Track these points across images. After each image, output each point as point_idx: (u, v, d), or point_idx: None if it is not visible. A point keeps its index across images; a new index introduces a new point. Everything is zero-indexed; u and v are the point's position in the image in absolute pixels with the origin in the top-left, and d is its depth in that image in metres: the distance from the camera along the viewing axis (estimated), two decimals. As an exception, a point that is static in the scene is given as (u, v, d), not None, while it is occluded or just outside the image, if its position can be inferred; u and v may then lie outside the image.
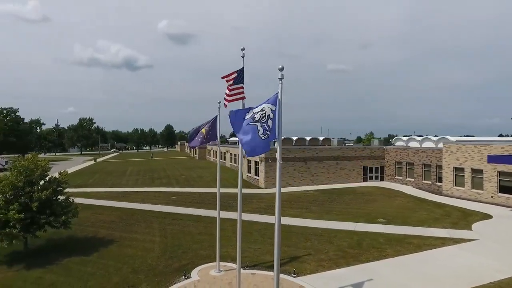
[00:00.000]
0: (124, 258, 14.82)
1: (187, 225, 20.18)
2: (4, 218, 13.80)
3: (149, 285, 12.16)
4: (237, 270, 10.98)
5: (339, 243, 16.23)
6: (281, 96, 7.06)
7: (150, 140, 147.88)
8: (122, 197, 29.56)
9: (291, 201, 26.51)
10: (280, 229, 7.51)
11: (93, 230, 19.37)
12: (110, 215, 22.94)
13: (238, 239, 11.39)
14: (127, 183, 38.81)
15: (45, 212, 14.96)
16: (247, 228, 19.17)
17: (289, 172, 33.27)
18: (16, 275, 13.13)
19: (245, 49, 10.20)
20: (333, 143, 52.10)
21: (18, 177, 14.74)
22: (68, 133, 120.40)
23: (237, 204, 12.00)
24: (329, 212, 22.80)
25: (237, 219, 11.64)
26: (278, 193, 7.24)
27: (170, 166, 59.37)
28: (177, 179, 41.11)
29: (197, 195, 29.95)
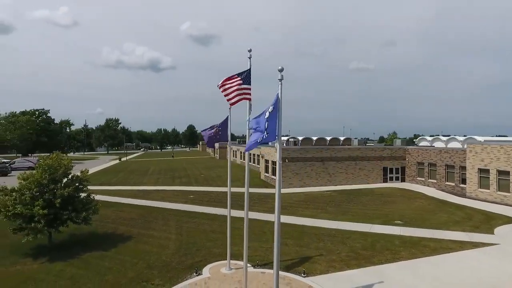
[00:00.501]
0: (140, 254, 15.37)
1: (202, 223, 20.61)
2: (30, 213, 14.67)
3: (162, 280, 12.58)
4: (244, 268, 11.15)
5: (352, 244, 16.07)
6: (281, 96, 7.18)
7: (173, 140, 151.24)
8: (143, 195, 30.51)
9: (307, 202, 26.42)
10: (279, 228, 7.63)
11: (113, 226, 20.16)
12: (130, 212, 23.77)
13: (245, 237, 11.57)
14: (149, 181, 39.96)
15: (67, 209, 15.76)
16: (261, 227, 19.35)
17: (306, 172, 33.12)
18: (40, 268, 13.94)
19: (252, 50, 10.37)
20: (353, 143, 51.31)
21: (43, 175, 15.63)
22: (95, 133, 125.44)
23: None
24: (345, 213, 22.55)
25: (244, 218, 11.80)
26: (277, 193, 7.36)
27: (190, 166, 60.52)
28: (196, 178, 41.89)
29: (214, 194, 30.43)
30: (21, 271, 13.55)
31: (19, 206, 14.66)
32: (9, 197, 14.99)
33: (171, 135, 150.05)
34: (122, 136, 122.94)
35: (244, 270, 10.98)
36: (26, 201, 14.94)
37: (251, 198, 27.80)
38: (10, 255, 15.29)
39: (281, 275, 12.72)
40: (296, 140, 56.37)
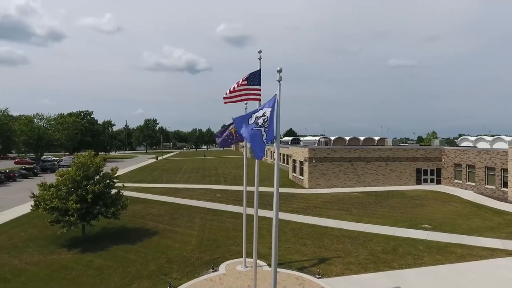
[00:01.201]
0: (163, 249, 16.10)
1: (225, 221, 21.08)
2: (65, 207, 15.95)
3: (179, 274, 13.12)
4: (253, 268, 11.33)
5: (373, 248, 15.65)
6: (279, 97, 7.28)
7: (207, 140, 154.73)
8: (173, 192, 31.73)
9: (332, 203, 26.00)
10: (277, 225, 7.73)
11: (142, 222, 21.25)
12: (159, 209, 24.87)
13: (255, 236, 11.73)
14: (180, 180, 41.41)
15: (98, 204, 16.93)
16: (282, 227, 19.38)
17: (334, 173, 32.52)
18: (72, 257, 15.11)
19: (261, 51, 10.54)
20: (387, 143, 49.50)
21: (77, 172, 16.91)
22: (135, 133, 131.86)
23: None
24: (371, 215, 21.93)
25: (255, 217, 11.97)
26: (276, 192, 7.46)
27: (221, 165, 61.76)
28: (225, 178, 42.71)
29: (240, 193, 30.83)
30: (56, 260, 14.77)
31: (56, 200, 15.99)
32: (47, 192, 16.39)
33: (205, 134, 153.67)
34: (159, 135, 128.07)
35: (253, 268, 11.16)
36: (62, 196, 16.25)
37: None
38: (49, 245, 16.71)
39: (295, 275, 12.80)
40: (327, 139, 55.45)
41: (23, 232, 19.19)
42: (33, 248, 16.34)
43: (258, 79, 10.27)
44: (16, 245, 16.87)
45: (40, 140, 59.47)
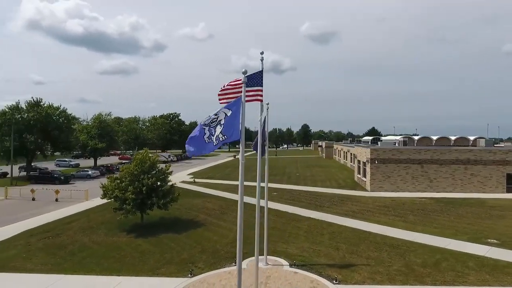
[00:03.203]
0: (202, 240, 17.42)
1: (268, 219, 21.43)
2: (123, 197, 18.58)
3: (204, 264, 14.13)
4: (255, 266, 11.53)
5: (412, 259, 14.19)
6: (244, 99, 7.49)
7: (287, 139, 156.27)
8: (233, 189, 33.27)
9: (389, 208, 24.02)
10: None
11: (195, 214, 23.14)
12: (215, 203, 26.61)
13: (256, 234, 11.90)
14: (246, 177, 43.02)
15: (152, 196, 19.20)
16: (321, 229, 18.97)
17: (400, 175, 29.79)
18: (127, 241, 17.52)
19: (263, 53, 10.70)
20: (479, 144, 42.90)
21: (135, 167, 19.47)
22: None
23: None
24: (428, 224, 19.66)
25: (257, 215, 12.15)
26: (240, 192, 7.68)
27: (291, 164, 61.92)
28: (290, 177, 42.88)
29: (297, 193, 30.81)
30: (114, 242, 17.35)
31: (117, 191, 18.74)
32: (111, 183, 19.30)
33: (285, 134, 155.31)
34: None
35: (255, 267, 11.38)
36: (122, 187, 18.94)
37: (330, 199, 27.25)
38: (114, 229, 19.63)
39: (311, 278, 12.58)
40: (406, 139, 50.71)
41: (101, 216, 22.84)
42: (102, 230, 19.44)
43: (260, 80, 10.44)
44: (91, 226, 20.27)
45: (136, 139, 68.86)
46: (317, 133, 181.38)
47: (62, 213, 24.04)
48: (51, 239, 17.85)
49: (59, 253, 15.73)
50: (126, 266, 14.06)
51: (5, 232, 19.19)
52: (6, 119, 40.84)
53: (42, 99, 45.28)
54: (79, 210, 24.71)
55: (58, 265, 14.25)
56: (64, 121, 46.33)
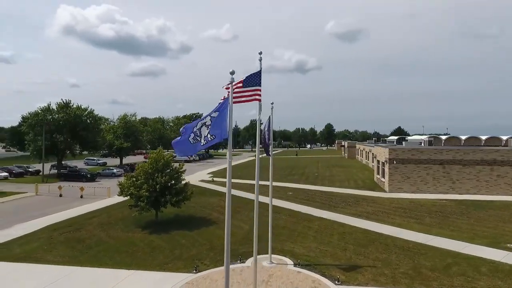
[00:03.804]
0: (212, 237, 17.78)
1: (279, 218, 21.51)
2: (138, 194, 19.31)
3: (210, 261, 14.44)
4: (254, 265, 11.64)
5: (421, 262, 13.78)
6: (231, 101, 7.66)
7: (310, 139, 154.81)
8: (249, 188, 33.59)
9: (405, 209, 23.32)
10: (229, 235, 8.07)
11: (209, 212, 23.60)
12: (230, 202, 26.99)
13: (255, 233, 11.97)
14: (264, 176, 43.16)
15: (165, 193, 19.82)
16: (331, 229, 18.80)
17: (421, 176, 28.78)
18: (141, 236, 18.20)
19: (262, 53, 10.82)
20: (510, 144, 40.64)
21: (149, 166, 20.17)
22: (242, 132, 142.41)
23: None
24: (445, 226, 18.95)
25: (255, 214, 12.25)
26: (228, 193, 7.85)
27: (311, 164, 61.33)
28: (308, 177, 42.56)
29: (312, 193, 30.58)
30: (129, 237, 18.07)
31: (132, 188, 19.51)
32: (127, 181, 20.11)
33: (308, 133, 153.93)
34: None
35: (254, 265, 11.51)
36: (137, 185, 19.69)
37: (346, 199, 26.84)
38: (130, 225, 20.43)
39: (313, 278, 12.56)
40: (432, 139, 48.89)
41: (120, 213, 23.80)
42: (119, 226, 20.29)
43: (258, 80, 10.56)
44: (110, 222, 21.21)
45: (160, 139, 70.93)
46: (341, 133, 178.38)
47: (85, 209, 25.29)
48: (72, 233, 18.87)
49: (77, 246, 16.62)
50: (137, 260, 14.64)
51: (32, 226, 20.49)
52: (38, 119, 43.46)
53: (71, 100, 47.80)
54: (100, 207, 25.89)
55: (75, 258, 15.07)
56: (92, 121, 48.60)
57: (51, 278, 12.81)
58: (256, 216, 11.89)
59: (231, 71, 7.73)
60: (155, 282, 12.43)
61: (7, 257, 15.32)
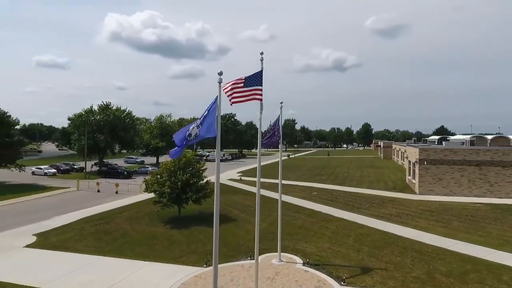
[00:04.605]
0: (228, 234, 18.25)
1: (298, 218, 21.51)
2: (161, 191, 20.32)
3: (221, 256, 14.61)
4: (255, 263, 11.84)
5: (437, 267, 13.16)
6: (220, 99, 7.99)
7: (346, 139, 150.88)
8: (276, 188, 33.74)
9: (433, 212, 22.18)
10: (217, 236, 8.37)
11: (230, 210, 24.15)
12: (252, 201, 27.28)
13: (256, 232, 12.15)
14: (292, 176, 43.15)
15: (186, 191, 20.66)
16: (349, 231, 18.48)
17: (454, 178, 27.11)
18: (162, 231, 19.16)
19: (263, 53, 11.03)
20: None
21: (172, 163, 21.13)
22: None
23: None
24: (472, 231, 17.82)
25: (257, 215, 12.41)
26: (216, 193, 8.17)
27: (343, 164, 59.90)
28: (337, 177, 41.74)
29: (337, 193, 30.04)
30: (152, 231, 19.10)
31: (155, 185, 20.57)
32: (151, 178, 21.23)
33: (344, 133, 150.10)
34: (296, 134, 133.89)
35: (255, 264, 11.72)
36: (160, 182, 20.72)
37: (371, 201, 26.08)
38: (155, 219, 21.53)
39: (319, 278, 12.56)
40: (474, 139, 45.64)
41: (148, 208, 25.11)
42: (145, 220, 21.48)
43: (259, 79, 10.76)
44: (137, 216, 22.51)
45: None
46: (380, 133, 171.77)
47: (117, 204, 27.00)
48: (102, 225, 20.31)
49: (104, 238, 17.91)
50: (155, 253, 15.50)
51: (68, 218, 22.35)
52: (82, 120, 46.98)
53: (111, 102, 51.06)
54: (131, 202, 27.49)
55: (101, 248, 16.28)
56: (130, 122, 51.54)
57: (76, 266, 13.99)
58: (258, 217, 12.09)
59: (219, 72, 8.06)
60: (166, 273, 13.12)
61: (44, 245, 16.92)
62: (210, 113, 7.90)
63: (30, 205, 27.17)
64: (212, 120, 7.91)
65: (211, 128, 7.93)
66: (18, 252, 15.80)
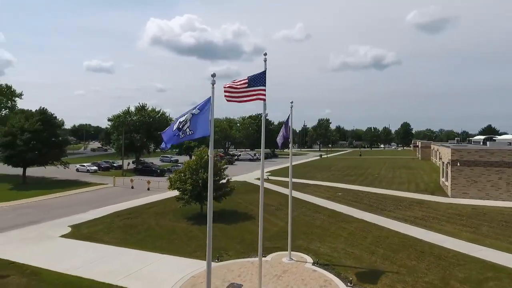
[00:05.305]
0: (244, 232, 18.67)
1: (317, 218, 21.37)
2: (183, 188, 21.21)
3: (234, 253, 15.32)
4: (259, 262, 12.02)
5: (454, 273, 12.56)
6: (213, 99, 8.35)
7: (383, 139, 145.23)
8: (301, 188, 33.66)
9: (462, 216, 20.94)
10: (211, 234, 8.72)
11: (251, 208, 24.54)
12: (275, 200, 27.55)
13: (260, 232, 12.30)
14: (320, 177, 42.65)
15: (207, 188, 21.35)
16: (367, 232, 18.11)
17: (491, 181, 25.28)
18: (184, 226, 20.01)
19: (267, 54, 11.23)
20: None
21: (194, 162, 21.96)
22: (310, 132, 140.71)
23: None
24: (503, 238, 16.66)
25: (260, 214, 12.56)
26: (210, 193, 8.53)
27: (375, 165, 57.91)
28: (366, 178, 40.57)
29: (363, 195, 29.28)
30: (174, 226, 20.01)
31: (178, 182, 21.51)
32: (175, 176, 22.21)
33: (381, 133, 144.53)
34: (330, 134, 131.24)
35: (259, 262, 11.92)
36: (183, 180, 21.64)
37: (397, 203, 25.17)
38: (179, 216, 22.47)
39: (326, 277, 12.55)
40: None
41: (174, 205, 26.15)
42: (169, 216, 22.53)
43: (263, 80, 10.97)
44: (163, 212, 23.65)
45: (225, 138, 74.74)
46: (421, 132, 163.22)
47: (147, 200, 28.51)
48: (130, 220, 21.63)
49: (130, 231, 19.09)
50: (172, 247, 16.29)
51: (101, 212, 24.02)
52: (119, 121, 49.94)
53: (146, 104, 53.70)
54: (160, 199, 28.87)
55: (125, 240, 17.41)
56: (164, 122, 53.84)
57: (101, 255, 15.12)
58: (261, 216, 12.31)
59: (212, 74, 8.42)
60: (179, 266, 13.78)
61: (76, 235, 18.42)
62: (204, 113, 8.30)
63: (71, 199, 29.56)
64: (206, 120, 8.30)
65: (204, 127, 8.32)
66: (53, 241, 17.37)
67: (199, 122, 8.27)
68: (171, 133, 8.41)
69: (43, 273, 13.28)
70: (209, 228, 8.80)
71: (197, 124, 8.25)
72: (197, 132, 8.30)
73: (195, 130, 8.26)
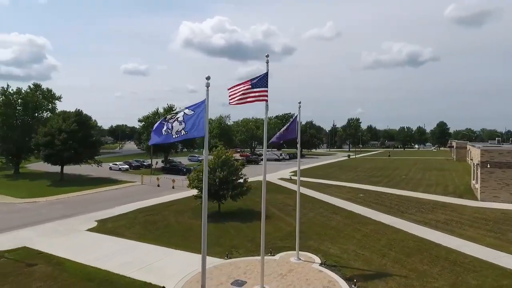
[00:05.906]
0: (257, 231, 18.35)
1: (333, 219, 21.16)
2: (201, 186, 21.83)
3: (244, 251, 15.65)
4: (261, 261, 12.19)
5: (467, 280, 12.05)
6: (208, 101, 8.70)
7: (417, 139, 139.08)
8: (323, 188, 33.33)
9: (489, 221, 19.81)
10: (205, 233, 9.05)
11: (269, 208, 24.50)
12: (294, 200, 27.36)
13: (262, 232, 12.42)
14: (344, 177, 41.89)
15: (223, 187, 21.90)
16: (382, 235, 17.76)
17: (522, 184, 23.62)
18: (199, 224, 20.35)
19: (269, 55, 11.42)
20: None
21: (211, 162, 22.55)
22: (339, 132, 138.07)
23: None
24: (529, 244, 15.59)
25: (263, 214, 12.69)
26: (204, 194, 8.88)
27: (404, 166, 55.75)
28: (392, 179, 39.31)
29: (385, 196, 28.48)
30: (190, 223, 20.74)
31: (196, 181, 22.22)
32: (193, 175, 22.95)
33: (415, 133, 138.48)
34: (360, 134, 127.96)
35: (261, 261, 12.10)
36: (201, 178, 22.29)
37: (421, 205, 24.28)
38: (197, 213, 23.04)
39: (330, 278, 12.56)
40: None
41: (194, 203, 27.03)
42: (187, 213, 23.32)
43: (265, 81, 11.18)
44: (182, 210, 24.50)
45: (251, 138, 75.40)
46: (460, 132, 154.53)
47: (170, 197, 29.62)
48: (151, 216, 22.66)
49: (149, 227, 20.03)
50: (185, 242, 16.93)
51: (127, 208, 25.33)
52: (149, 122, 52.09)
53: (174, 104, 55.57)
54: (182, 197, 29.85)
55: (144, 235, 18.32)
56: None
57: (120, 249, 16.08)
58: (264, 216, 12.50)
59: (207, 77, 8.77)
60: (190, 261, 14.32)
61: (101, 230, 19.62)
62: (198, 114, 8.68)
63: (101, 195, 31.40)
64: (201, 121, 8.67)
65: (199, 128, 8.69)
66: (80, 235, 18.66)
67: (194, 123, 8.65)
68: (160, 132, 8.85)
69: (66, 263, 14.38)
70: (204, 226, 9.16)
71: (192, 125, 8.64)
72: (191, 133, 8.69)
73: (190, 131, 8.65)
